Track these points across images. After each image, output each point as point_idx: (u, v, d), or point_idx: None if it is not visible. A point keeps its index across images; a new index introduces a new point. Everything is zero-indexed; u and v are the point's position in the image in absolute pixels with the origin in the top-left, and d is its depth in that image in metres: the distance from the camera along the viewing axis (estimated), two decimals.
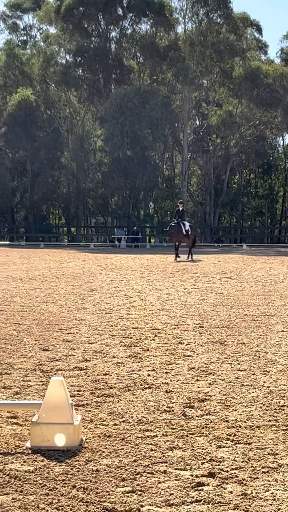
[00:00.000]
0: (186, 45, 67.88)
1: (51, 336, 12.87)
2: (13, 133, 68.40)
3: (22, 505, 5.37)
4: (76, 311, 16.25)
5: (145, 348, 11.82)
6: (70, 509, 5.31)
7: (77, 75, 71.39)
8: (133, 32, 71.17)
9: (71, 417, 6.76)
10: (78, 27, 68.53)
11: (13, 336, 12.82)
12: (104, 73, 70.90)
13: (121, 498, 5.54)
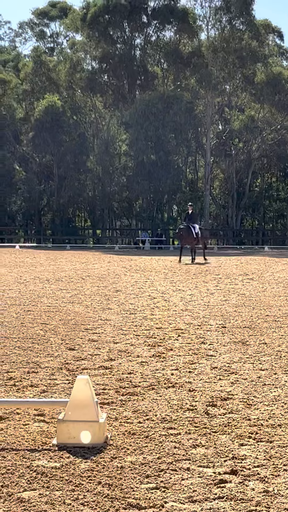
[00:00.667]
0: (209, 51, 67.75)
1: (77, 335, 12.89)
2: (40, 138, 68.61)
3: (49, 501, 5.38)
4: (101, 312, 16.27)
5: (169, 347, 11.81)
6: (95, 504, 5.31)
7: (103, 81, 71.49)
8: (157, 39, 71.16)
9: (97, 415, 6.76)
10: (104, 34, 68.61)
11: (40, 335, 12.85)
12: (129, 79, 70.93)
13: (145, 494, 5.54)
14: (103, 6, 67.05)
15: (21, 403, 7.88)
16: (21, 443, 6.82)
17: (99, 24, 67.60)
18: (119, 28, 69.58)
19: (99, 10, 67.11)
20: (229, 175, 72.06)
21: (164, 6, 68.57)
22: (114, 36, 70.05)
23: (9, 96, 74.09)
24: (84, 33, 70.07)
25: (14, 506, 5.30)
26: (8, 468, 6.11)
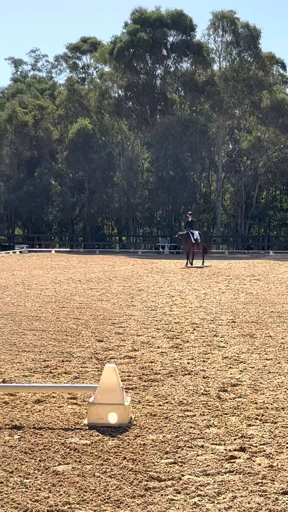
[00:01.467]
0: (221, 80, 67.73)
1: (105, 329, 12.91)
2: (73, 156, 68.84)
3: (81, 473, 5.39)
4: (126, 308, 16.29)
5: (185, 340, 11.80)
6: (121, 477, 5.32)
7: (128, 106, 71.57)
8: (176, 69, 71.14)
9: (122, 398, 6.77)
10: (129, 66, 68.73)
11: (73, 329, 12.88)
12: (151, 105, 70.98)
13: (165, 468, 5.54)
14: (128, 41, 67.15)
15: (56, 388, 7.90)
16: (56, 423, 6.83)
17: (125, 57, 67.73)
18: (142, 60, 69.64)
19: (124, 45, 67.23)
20: (238, 189, 71.94)
21: (181, 41, 68.59)
22: (137, 67, 70.11)
23: (46, 120, 74.39)
24: (112, 64, 70.25)
25: (50, 478, 5.32)
26: (45, 445, 6.13)
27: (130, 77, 69.67)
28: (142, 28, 67.41)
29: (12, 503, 4.84)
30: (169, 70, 71.25)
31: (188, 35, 68.88)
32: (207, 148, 70.12)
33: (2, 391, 7.92)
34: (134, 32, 67.23)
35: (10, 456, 5.82)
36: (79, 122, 69.52)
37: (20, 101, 74.89)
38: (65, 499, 4.90)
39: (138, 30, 67.10)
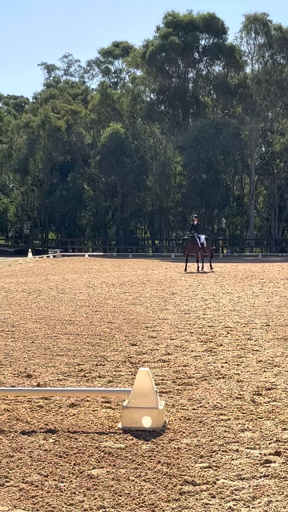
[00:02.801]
0: (253, 83, 67.53)
1: (139, 333, 12.93)
2: (106, 161, 69.04)
3: (115, 477, 5.41)
4: (159, 312, 16.30)
5: (219, 343, 11.78)
6: (156, 481, 5.32)
7: (160, 110, 71.60)
8: (208, 72, 71.04)
9: (156, 402, 6.78)
10: (161, 70, 68.79)
11: (107, 333, 12.92)
12: (183, 108, 70.96)
13: (200, 472, 5.54)
14: (159, 45, 67.22)
15: (90, 392, 7.93)
16: (90, 426, 6.86)
17: (157, 61, 67.82)
18: (174, 64, 69.67)
19: (156, 49, 67.31)
20: (272, 191, 71.62)
21: (214, 44, 68.49)
22: (169, 71, 70.15)
23: (79, 124, 74.72)
24: (144, 69, 70.36)
25: (85, 481, 5.34)
26: (79, 448, 6.15)
27: (162, 81, 69.74)
28: (174, 31, 67.45)
29: (47, 506, 4.87)
30: (201, 73, 71.20)
31: (220, 38, 68.77)
32: (240, 151, 69.89)
33: (37, 395, 7.97)
34: (166, 36, 67.28)
35: (45, 459, 5.86)
36: (111, 126, 69.71)
37: (53, 106, 75.33)
38: (100, 503, 4.92)
39: (170, 34, 67.14)
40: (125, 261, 46.91)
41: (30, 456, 5.96)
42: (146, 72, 69.98)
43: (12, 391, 7.98)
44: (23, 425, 6.92)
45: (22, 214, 78.60)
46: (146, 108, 70.27)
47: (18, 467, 5.67)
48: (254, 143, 69.36)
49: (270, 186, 72.19)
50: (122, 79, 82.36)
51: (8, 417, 7.21)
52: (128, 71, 79.55)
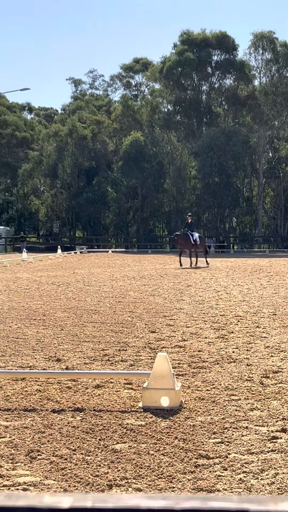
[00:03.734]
0: (261, 94, 67.36)
1: (157, 321, 12.93)
2: (127, 166, 69.09)
3: (136, 451, 5.41)
4: (176, 302, 16.29)
5: (230, 331, 11.76)
6: (173, 455, 5.32)
7: (176, 120, 71.53)
8: (220, 85, 70.93)
9: (173, 384, 6.78)
10: (177, 83, 68.76)
11: (128, 321, 12.93)
12: (197, 118, 70.85)
13: (213, 447, 5.53)
14: (176, 61, 67.17)
15: (114, 374, 7.94)
16: (114, 405, 6.87)
17: (173, 75, 67.80)
18: (189, 77, 69.62)
19: (173, 64, 67.26)
20: (278, 193, 71.37)
21: (225, 59, 68.40)
22: (185, 84, 70.09)
23: (103, 133, 74.82)
24: (161, 82, 70.37)
25: (109, 455, 5.35)
26: (104, 425, 6.16)
27: (178, 93, 69.70)
28: (189, 48, 67.43)
29: (75, 477, 4.88)
30: (214, 86, 71.09)
31: (231, 54, 68.69)
32: (249, 156, 69.72)
33: (66, 377, 7.99)
34: (182, 52, 67.26)
35: (73, 435, 5.87)
36: (132, 134, 69.76)
37: (80, 117, 75.45)
38: (123, 474, 4.93)
39: (185, 50, 67.13)
40: (145, 257, 46.92)
41: (59, 432, 5.98)
42: (163, 85, 70.02)
43: (43, 374, 8.01)
44: (53, 404, 6.94)
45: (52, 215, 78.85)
46: (163, 118, 70.29)
47: (49, 442, 5.69)
48: (262, 149, 69.17)
49: (276, 188, 71.95)
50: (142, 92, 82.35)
51: (40, 397, 7.24)
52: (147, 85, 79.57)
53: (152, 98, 73.58)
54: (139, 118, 72.97)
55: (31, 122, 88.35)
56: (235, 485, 4.74)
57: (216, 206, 68.76)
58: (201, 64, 67.87)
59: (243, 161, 68.31)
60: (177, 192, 69.01)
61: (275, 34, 68.03)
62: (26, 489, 4.69)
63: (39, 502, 0.78)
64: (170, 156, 72.97)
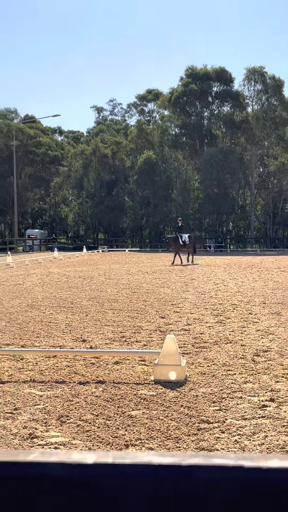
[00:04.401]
0: (253, 119, 67.14)
1: (166, 308, 12.93)
2: (141, 179, 69.13)
3: (149, 417, 5.41)
4: (182, 293, 16.28)
5: (227, 317, 11.73)
6: (179, 420, 5.32)
7: (182, 141, 71.35)
8: (219, 112, 70.68)
9: (180, 360, 6.77)
10: (183, 110, 68.66)
11: (142, 308, 12.94)
12: (199, 139, 70.66)
13: (212, 414, 5.52)
14: (182, 91, 67.08)
15: (130, 353, 7.95)
16: (130, 379, 6.88)
17: (180, 103, 67.72)
18: (193, 105, 69.44)
19: (179, 94, 67.17)
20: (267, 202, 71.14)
21: (223, 90, 68.18)
22: (189, 111, 69.91)
23: (121, 152, 74.81)
24: (170, 109, 70.31)
25: (126, 420, 5.35)
26: (121, 395, 6.17)
27: (184, 119, 69.61)
28: (193, 81, 67.33)
29: (97, 438, 4.90)
30: (214, 112, 70.91)
31: (228, 86, 68.45)
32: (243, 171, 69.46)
33: (90, 355, 8.01)
34: (187, 84, 67.18)
35: (96, 403, 5.88)
36: (145, 153, 69.79)
37: (102, 139, 75.50)
38: (137, 436, 4.93)
39: (190, 83, 67.06)
40: (156, 255, 46.93)
41: (85, 400, 5.99)
42: (172, 112, 70.07)
43: (71, 352, 8.03)
44: (79, 377, 6.96)
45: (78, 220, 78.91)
46: (171, 139, 70.33)
47: (76, 409, 5.70)
48: (254, 165, 69.03)
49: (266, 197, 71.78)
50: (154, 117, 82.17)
51: (68, 371, 7.26)
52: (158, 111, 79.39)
53: (162, 123, 73.52)
54: (151, 139, 72.93)
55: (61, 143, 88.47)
56: (231, 445, 4.73)
57: (215, 213, 68.63)
58: (203, 94, 67.73)
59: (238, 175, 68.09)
60: (183, 201, 68.99)
61: (265, 68, 67.85)
62: (57, 448, 4.70)
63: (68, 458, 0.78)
64: (177, 171, 72.91)
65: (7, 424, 5.26)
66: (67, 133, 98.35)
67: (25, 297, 15.23)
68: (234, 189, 71.39)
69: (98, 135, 78.85)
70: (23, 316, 11.88)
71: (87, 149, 74.08)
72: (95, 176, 73.68)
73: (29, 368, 7.41)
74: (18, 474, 0.76)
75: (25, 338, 9.42)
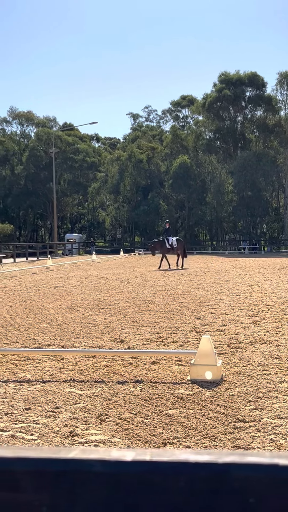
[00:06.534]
0: (286, 123, 66.60)
1: (201, 310, 12.88)
2: (176, 183, 69.13)
3: (186, 416, 5.40)
4: (217, 294, 16.20)
5: (262, 317, 11.63)
6: (216, 419, 5.29)
7: (216, 145, 71.10)
8: (252, 116, 70.24)
9: (215, 360, 6.74)
10: (217, 115, 68.43)
11: (178, 310, 12.92)
12: (233, 143, 70.30)
13: (248, 413, 5.48)
14: (215, 97, 66.84)
15: (167, 353, 7.95)
16: (167, 378, 6.87)
17: (213, 109, 67.49)
18: (226, 110, 69.14)
19: (213, 100, 66.95)
20: None
21: (256, 95, 67.70)
22: (223, 116, 69.61)
23: (156, 157, 74.90)
24: (204, 115, 70.14)
25: (163, 418, 5.35)
26: (159, 394, 6.17)
27: (217, 124, 69.35)
28: (226, 86, 67.04)
29: (136, 436, 4.91)
30: (247, 117, 70.47)
31: (260, 90, 67.95)
32: (276, 174, 68.82)
33: (128, 355, 8.03)
34: (220, 90, 66.91)
35: (134, 402, 5.90)
36: (180, 158, 69.76)
37: (138, 144, 75.76)
38: (175, 434, 4.93)
39: (223, 88, 66.78)
40: (191, 257, 46.80)
41: (123, 399, 6.01)
42: (205, 117, 69.89)
43: (110, 352, 8.07)
44: (118, 377, 6.98)
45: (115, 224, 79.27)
46: (205, 144, 70.16)
47: (115, 408, 5.73)
48: (287, 168, 68.26)
49: None
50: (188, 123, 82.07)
51: (107, 371, 7.29)
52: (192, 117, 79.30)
53: (196, 128, 73.40)
54: (185, 144, 72.85)
55: (98, 149, 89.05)
56: (267, 444, 4.69)
57: (249, 215, 68.10)
58: (236, 99, 67.39)
59: (271, 178, 67.48)
60: (217, 204, 68.67)
61: None
62: (97, 445, 4.73)
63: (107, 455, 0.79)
64: (211, 175, 72.64)
65: (49, 422, 5.32)
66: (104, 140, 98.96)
67: (65, 299, 15.36)
68: (268, 191, 70.77)
69: (134, 141, 79.14)
70: (63, 317, 11.99)
71: (123, 155, 74.40)
72: (131, 181, 73.93)
73: (69, 368, 7.47)
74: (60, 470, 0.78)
75: (65, 339, 9.50)
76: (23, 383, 6.72)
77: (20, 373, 7.25)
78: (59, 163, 75.29)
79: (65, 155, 77.74)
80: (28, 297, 16.05)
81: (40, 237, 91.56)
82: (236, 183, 65.53)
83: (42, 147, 77.01)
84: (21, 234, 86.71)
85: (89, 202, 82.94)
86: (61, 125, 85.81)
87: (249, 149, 68.28)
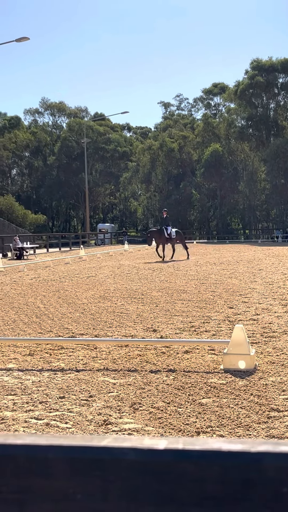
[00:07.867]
0: None
1: (234, 299, 12.82)
2: (208, 172, 68.74)
3: (219, 405, 5.40)
4: (250, 283, 16.09)
5: None
6: (249, 408, 5.28)
7: (248, 133, 70.42)
8: (285, 103, 69.34)
9: (249, 350, 6.72)
10: (249, 102, 67.72)
11: (210, 299, 12.88)
12: (266, 131, 69.52)
13: (282, 402, 5.45)
14: (248, 84, 66.12)
15: (200, 342, 7.94)
16: (200, 367, 6.87)
17: (246, 96, 66.80)
18: (259, 97, 68.37)
19: (245, 87, 66.25)
20: None
21: None
22: (256, 103, 68.86)
23: (188, 146, 74.56)
24: (236, 102, 69.53)
25: (196, 407, 5.36)
26: (192, 383, 6.18)
27: (250, 111, 68.64)
28: (259, 73, 66.23)
29: (169, 425, 4.92)
30: (280, 103, 69.56)
31: None
32: None
33: (160, 344, 8.05)
34: (253, 77, 66.15)
35: (167, 391, 5.91)
36: (212, 146, 69.32)
37: (169, 133, 75.49)
38: (208, 423, 4.93)
39: (255, 75, 65.99)
40: (223, 246, 46.55)
41: (156, 388, 6.03)
42: (238, 104, 69.27)
43: (142, 341, 8.09)
44: (151, 366, 7.01)
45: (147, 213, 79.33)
46: (238, 131, 69.54)
47: (148, 396, 5.75)
48: None
49: None
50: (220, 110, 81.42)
51: (140, 360, 7.32)
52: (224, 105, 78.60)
53: (228, 116, 72.75)
54: (217, 132, 72.30)
55: (130, 139, 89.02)
56: None
57: (282, 203, 67.33)
58: (269, 86, 66.54)
59: None
60: (249, 192, 68.10)
61: None
62: (130, 434, 4.76)
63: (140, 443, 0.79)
64: (243, 163, 72.01)
65: (83, 410, 5.37)
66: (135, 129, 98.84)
67: (98, 289, 15.46)
68: None
69: (165, 130, 78.86)
70: (96, 307, 12.07)
71: (155, 144, 74.23)
72: (163, 170, 73.79)
73: (103, 357, 7.52)
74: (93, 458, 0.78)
75: (98, 328, 9.57)
76: (57, 372, 6.80)
77: (54, 362, 7.33)
78: (91, 153, 75.54)
79: (97, 145, 77.94)
80: (62, 287, 16.20)
81: (73, 227, 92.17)
82: (269, 171, 64.83)
83: (74, 137, 77.35)
84: (54, 225, 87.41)
85: (121, 192, 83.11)
86: (93, 115, 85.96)
87: (282, 136, 67.40)
